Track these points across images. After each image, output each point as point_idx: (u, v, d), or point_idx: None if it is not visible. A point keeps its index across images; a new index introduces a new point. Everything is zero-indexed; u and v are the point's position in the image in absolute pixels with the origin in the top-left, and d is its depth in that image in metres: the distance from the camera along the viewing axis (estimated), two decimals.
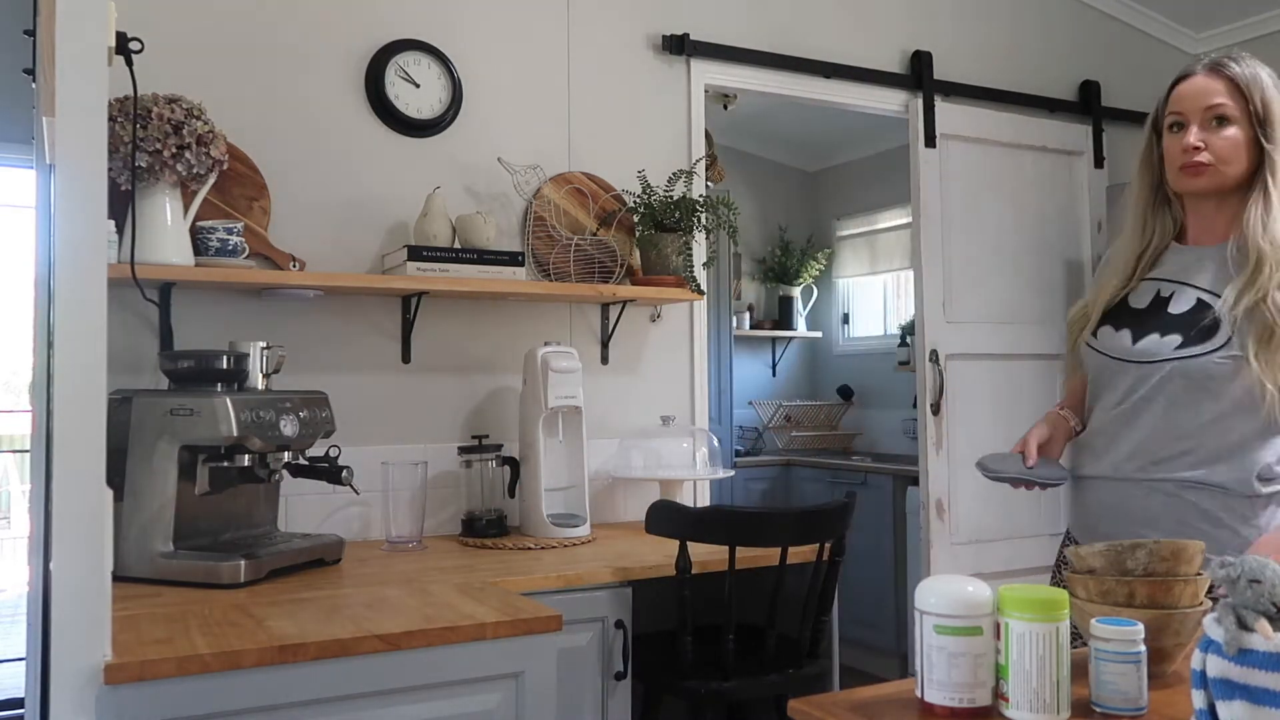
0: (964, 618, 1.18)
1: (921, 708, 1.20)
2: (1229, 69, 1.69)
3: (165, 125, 2.18)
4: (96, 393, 1.40)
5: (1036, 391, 3.63)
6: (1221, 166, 1.68)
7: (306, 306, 2.54)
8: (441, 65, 2.74)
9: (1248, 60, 1.70)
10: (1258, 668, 0.98)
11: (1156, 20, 3.99)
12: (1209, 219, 1.74)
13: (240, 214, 2.45)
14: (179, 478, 1.97)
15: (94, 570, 1.40)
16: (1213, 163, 1.68)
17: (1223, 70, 1.69)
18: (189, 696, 1.45)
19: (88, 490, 1.39)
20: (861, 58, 3.42)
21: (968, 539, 3.46)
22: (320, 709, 1.54)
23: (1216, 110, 1.68)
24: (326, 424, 2.20)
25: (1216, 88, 1.68)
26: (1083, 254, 3.77)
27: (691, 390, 3.08)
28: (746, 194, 5.56)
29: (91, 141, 1.41)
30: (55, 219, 1.42)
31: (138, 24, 2.10)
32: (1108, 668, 1.19)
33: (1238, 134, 1.67)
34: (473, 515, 2.59)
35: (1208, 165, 1.68)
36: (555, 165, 2.89)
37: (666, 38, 3.06)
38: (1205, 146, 1.68)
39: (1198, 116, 1.69)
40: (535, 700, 1.69)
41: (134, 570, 1.93)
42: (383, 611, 1.74)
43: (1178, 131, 1.72)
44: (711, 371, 4.25)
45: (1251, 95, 1.66)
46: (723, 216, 2.88)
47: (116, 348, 1.61)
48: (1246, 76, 1.67)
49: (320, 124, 2.62)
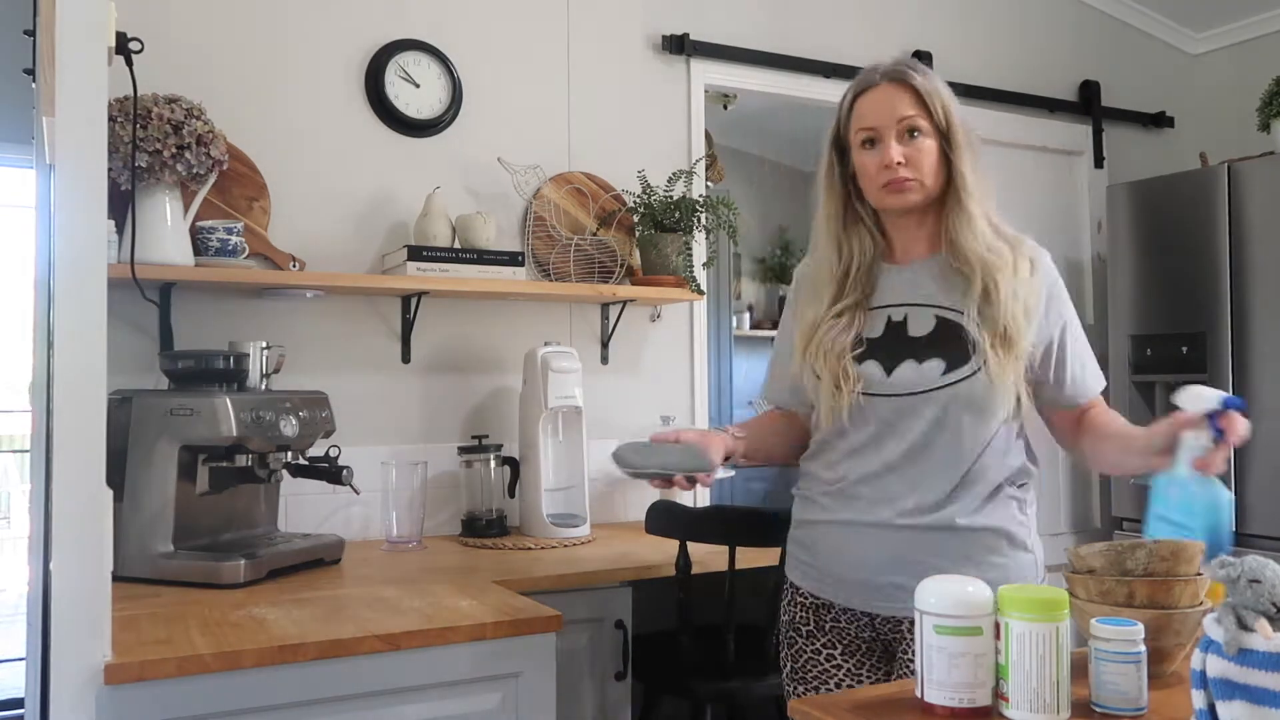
0: (964, 618, 1.18)
1: (921, 708, 1.20)
2: (911, 79, 1.60)
3: (165, 125, 2.18)
4: (96, 393, 1.40)
5: None
6: (925, 180, 1.60)
7: (306, 306, 2.54)
8: (441, 65, 2.74)
9: (924, 69, 1.64)
10: (1258, 668, 0.98)
11: (1156, 20, 3.99)
12: (913, 235, 1.66)
13: (240, 214, 2.45)
14: (179, 478, 1.97)
15: (94, 570, 1.40)
16: (916, 177, 1.59)
17: (906, 80, 1.61)
18: (189, 696, 1.45)
19: (88, 490, 1.39)
20: (862, 58, 3.40)
21: None
22: (320, 709, 1.54)
23: (909, 122, 1.59)
24: (326, 424, 2.20)
25: (904, 98, 1.60)
26: (1083, 254, 3.77)
27: (691, 390, 3.08)
28: (746, 194, 5.55)
29: (91, 141, 1.41)
30: (55, 219, 1.42)
31: (138, 24, 2.09)
32: (1108, 668, 1.19)
33: (932, 145, 1.60)
34: (473, 515, 2.59)
35: (911, 180, 1.59)
36: (555, 165, 2.89)
37: (666, 38, 3.06)
38: (906, 161, 1.59)
39: (892, 130, 1.59)
40: (535, 700, 1.69)
41: (134, 570, 1.93)
42: (383, 611, 1.74)
43: (871, 148, 1.62)
44: (711, 371, 4.25)
45: (934, 105, 1.59)
46: (723, 216, 2.88)
47: (116, 348, 1.61)
48: (929, 87, 1.60)
49: (320, 124, 2.62)
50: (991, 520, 1.60)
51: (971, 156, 1.62)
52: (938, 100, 1.60)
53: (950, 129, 1.60)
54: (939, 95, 1.61)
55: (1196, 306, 3.21)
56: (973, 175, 1.61)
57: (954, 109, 1.61)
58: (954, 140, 1.60)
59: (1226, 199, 3.13)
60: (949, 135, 1.60)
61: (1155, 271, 3.34)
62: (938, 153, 1.60)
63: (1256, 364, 3.07)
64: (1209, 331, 3.16)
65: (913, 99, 1.59)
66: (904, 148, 1.59)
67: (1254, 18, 3.85)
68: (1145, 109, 3.96)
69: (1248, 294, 3.09)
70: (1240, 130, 3.62)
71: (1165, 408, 3.47)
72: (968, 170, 1.61)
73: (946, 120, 1.60)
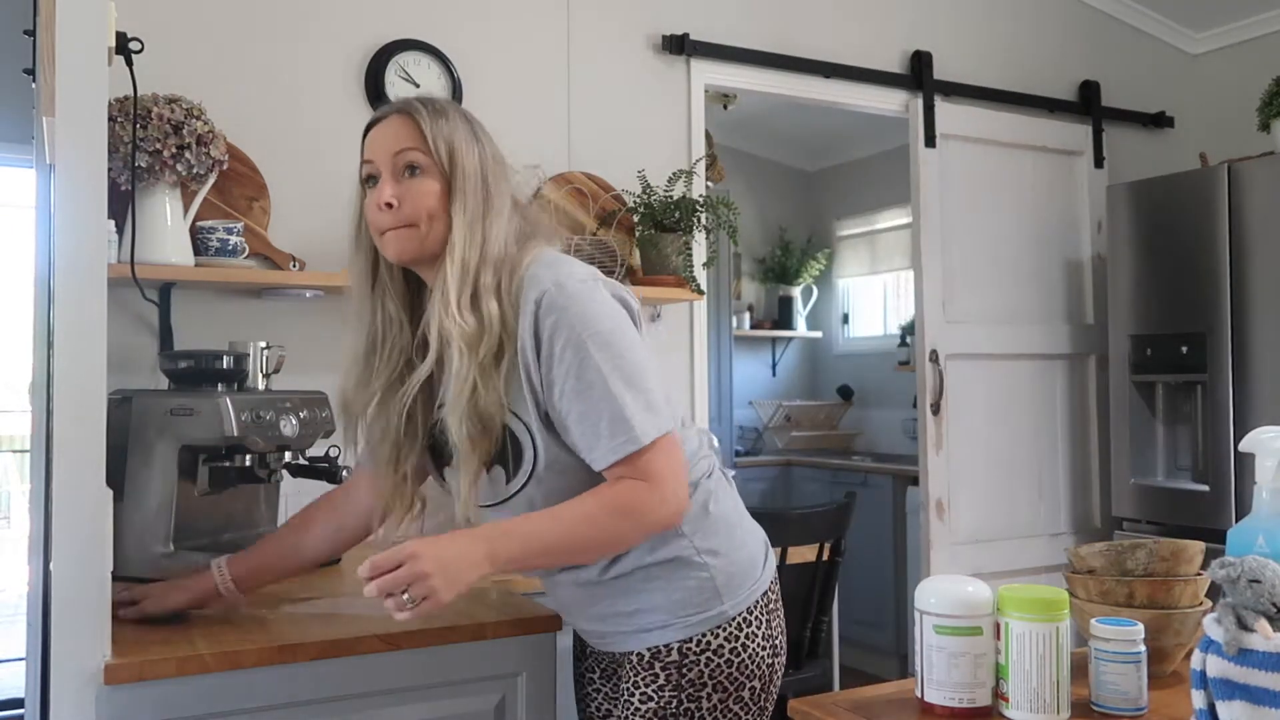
0: (964, 618, 1.19)
1: (921, 708, 1.20)
2: (418, 112, 1.41)
3: (165, 125, 2.18)
4: (96, 393, 1.40)
5: (1036, 391, 3.64)
6: (422, 226, 1.39)
7: (306, 306, 2.54)
8: (441, 65, 2.74)
9: (451, 109, 1.45)
10: (1258, 668, 0.98)
11: (1156, 20, 3.99)
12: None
13: (240, 214, 2.45)
14: (179, 478, 1.97)
15: (94, 570, 1.40)
16: (410, 222, 1.39)
17: (412, 113, 1.42)
18: (189, 696, 1.45)
19: (88, 490, 1.39)
20: (861, 58, 3.41)
21: (968, 539, 3.46)
22: (320, 709, 1.54)
23: (405, 157, 1.40)
24: (326, 424, 2.20)
25: (407, 131, 1.40)
26: (1083, 254, 3.78)
27: (691, 390, 3.08)
28: (746, 194, 5.55)
29: (91, 141, 1.41)
30: (55, 219, 1.42)
31: (138, 24, 2.10)
32: (1108, 668, 1.19)
33: (434, 187, 1.40)
34: None
35: (404, 225, 1.39)
36: (555, 165, 2.89)
37: (666, 38, 3.06)
38: (398, 202, 1.39)
39: (388, 166, 1.41)
40: (535, 700, 1.69)
41: (134, 570, 1.93)
42: (383, 611, 1.74)
43: (373, 186, 1.42)
44: (711, 371, 4.25)
45: (436, 143, 1.39)
46: (723, 216, 2.88)
47: (116, 348, 1.61)
48: (434, 123, 1.40)
49: (321, 124, 2.62)
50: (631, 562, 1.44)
51: (476, 205, 1.40)
52: (441, 138, 1.40)
53: (453, 170, 1.40)
54: (444, 132, 1.41)
55: (1196, 306, 3.21)
56: (465, 228, 1.38)
57: (462, 150, 1.41)
58: (454, 184, 1.40)
59: (1226, 199, 3.13)
60: (453, 179, 1.40)
61: (1155, 271, 3.34)
62: (441, 196, 1.40)
63: (1256, 364, 3.07)
64: (1209, 331, 3.16)
65: (415, 133, 1.40)
66: (398, 186, 1.40)
67: (1254, 18, 3.85)
68: (1145, 109, 3.96)
69: (1248, 294, 3.09)
70: (1240, 130, 3.62)
71: (1166, 407, 3.49)
72: (460, 220, 1.39)
73: (449, 160, 1.40)
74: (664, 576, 1.43)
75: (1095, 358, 3.74)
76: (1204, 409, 3.25)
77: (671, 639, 1.43)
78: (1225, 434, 3.11)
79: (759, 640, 1.45)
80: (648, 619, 1.44)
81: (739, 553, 1.48)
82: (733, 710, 1.43)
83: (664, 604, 1.43)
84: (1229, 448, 3.11)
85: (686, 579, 1.43)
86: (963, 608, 1.19)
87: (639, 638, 1.45)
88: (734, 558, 1.47)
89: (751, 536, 1.53)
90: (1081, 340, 3.74)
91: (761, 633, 1.46)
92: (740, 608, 1.45)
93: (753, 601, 1.46)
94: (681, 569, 1.43)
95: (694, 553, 1.44)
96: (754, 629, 1.45)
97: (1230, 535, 1.27)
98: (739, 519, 1.53)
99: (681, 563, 1.43)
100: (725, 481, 1.56)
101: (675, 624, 1.43)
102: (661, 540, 1.43)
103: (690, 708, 1.42)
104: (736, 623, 1.44)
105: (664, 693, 1.42)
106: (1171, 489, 3.32)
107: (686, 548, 1.44)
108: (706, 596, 1.43)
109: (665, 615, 1.43)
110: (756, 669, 1.44)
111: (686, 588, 1.43)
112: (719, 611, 1.43)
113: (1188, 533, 3.02)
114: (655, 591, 1.44)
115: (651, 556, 1.43)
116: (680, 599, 1.43)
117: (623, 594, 1.45)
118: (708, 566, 1.44)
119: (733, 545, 1.48)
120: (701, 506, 1.46)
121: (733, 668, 1.43)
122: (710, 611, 1.43)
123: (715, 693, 1.42)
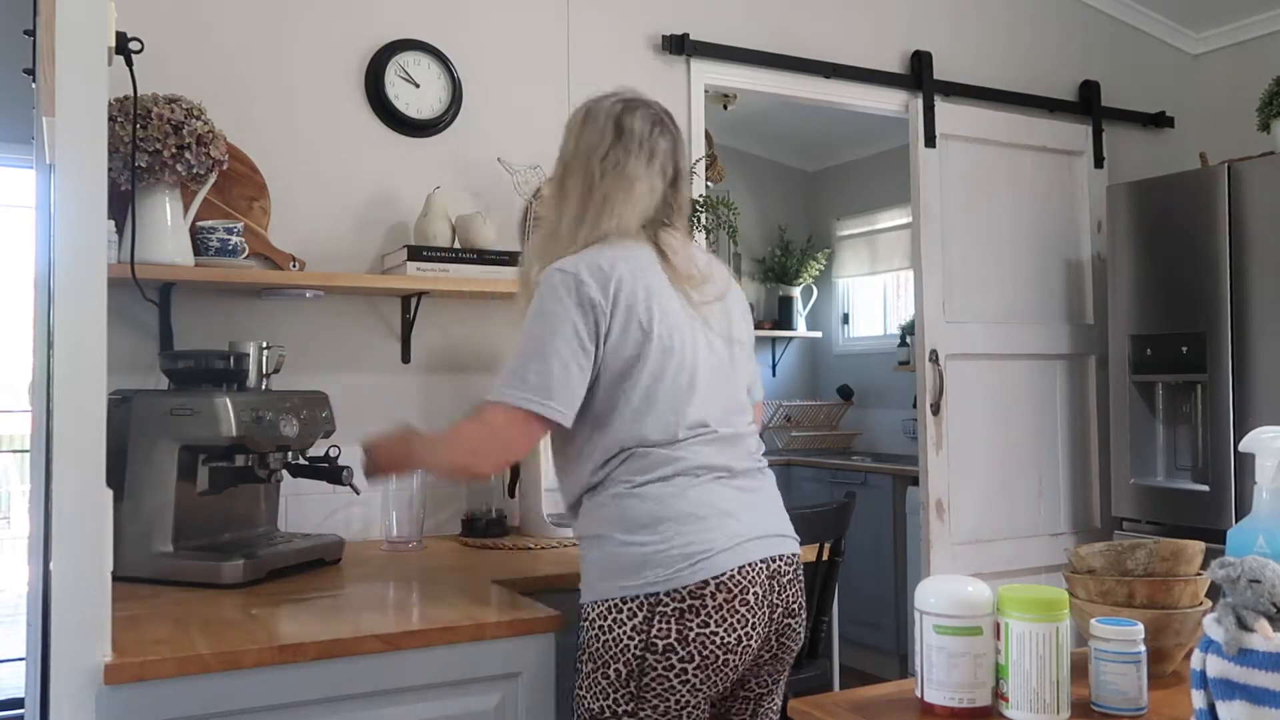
0: (964, 618, 1.18)
1: (921, 708, 1.20)
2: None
3: (165, 125, 2.18)
4: (96, 393, 1.40)
5: (1036, 392, 3.64)
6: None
7: (306, 306, 2.54)
8: (441, 65, 2.74)
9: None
10: (1258, 668, 0.98)
11: (1156, 20, 3.99)
12: None
13: (240, 214, 2.45)
14: (179, 478, 1.97)
15: (94, 570, 1.40)
16: None
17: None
18: (189, 696, 1.45)
19: (88, 490, 1.39)
20: (861, 58, 3.41)
21: (968, 539, 3.46)
22: (320, 709, 1.54)
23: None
24: (326, 424, 2.20)
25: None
26: (1082, 254, 3.78)
27: None
28: (746, 194, 5.56)
29: (91, 141, 1.41)
30: (55, 219, 1.42)
31: (138, 24, 2.09)
32: (1108, 668, 1.19)
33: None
34: (473, 515, 2.59)
35: None
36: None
37: (666, 38, 3.06)
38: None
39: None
40: (535, 700, 1.69)
41: (134, 570, 1.93)
42: (383, 611, 1.74)
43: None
44: None
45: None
46: (723, 216, 2.87)
47: (116, 348, 1.61)
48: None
49: (320, 124, 2.62)
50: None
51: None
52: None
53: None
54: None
55: (1196, 306, 3.21)
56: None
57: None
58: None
59: (1226, 199, 3.13)
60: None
61: (1155, 271, 3.34)
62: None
63: (1256, 364, 3.07)
64: (1209, 331, 3.16)
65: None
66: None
67: (1254, 18, 3.85)
68: (1145, 109, 3.96)
69: (1248, 294, 3.09)
70: (1240, 130, 3.63)
71: (1166, 407, 3.49)
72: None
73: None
74: (586, 546, 1.65)
75: (1095, 358, 3.74)
76: (1204, 409, 3.25)
77: (582, 599, 1.64)
78: (1225, 434, 3.11)
79: (629, 630, 1.55)
80: (584, 577, 1.65)
81: (648, 548, 1.56)
82: (600, 684, 1.58)
83: (586, 568, 1.64)
84: (1229, 448, 3.11)
85: (597, 551, 1.62)
86: (963, 608, 1.19)
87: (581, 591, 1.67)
88: (642, 550, 1.56)
89: (691, 539, 1.56)
90: (1081, 340, 3.74)
91: (638, 625, 1.54)
92: (619, 594, 1.56)
93: (645, 594, 1.54)
94: (599, 544, 1.62)
95: (614, 533, 1.60)
96: (626, 618, 1.55)
97: (1230, 535, 1.28)
98: (682, 521, 1.57)
99: (601, 539, 1.62)
100: (702, 483, 1.61)
101: (585, 588, 1.63)
102: (594, 514, 1.63)
103: (580, 660, 1.62)
104: (611, 604, 1.56)
105: (579, 642, 1.64)
106: (1171, 489, 3.32)
107: (610, 527, 1.60)
108: (603, 572, 1.60)
109: (585, 578, 1.64)
110: (622, 654, 1.55)
111: (593, 559, 1.63)
112: (603, 588, 1.59)
113: (1188, 533, 3.02)
114: (583, 557, 1.66)
115: (586, 529, 1.66)
116: (591, 569, 1.63)
117: (581, 553, 1.68)
118: (613, 547, 1.59)
119: (649, 539, 1.57)
120: (640, 496, 1.59)
121: (600, 644, 1.57)
122: (600, 585, 1.60)
123: (589, 661, 1.59)
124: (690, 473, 1.60)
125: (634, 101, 1.73)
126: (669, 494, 1.59)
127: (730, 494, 1.62)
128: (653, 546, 1.56)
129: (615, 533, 1.59)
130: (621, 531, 1.58)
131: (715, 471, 1.62)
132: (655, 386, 1.59)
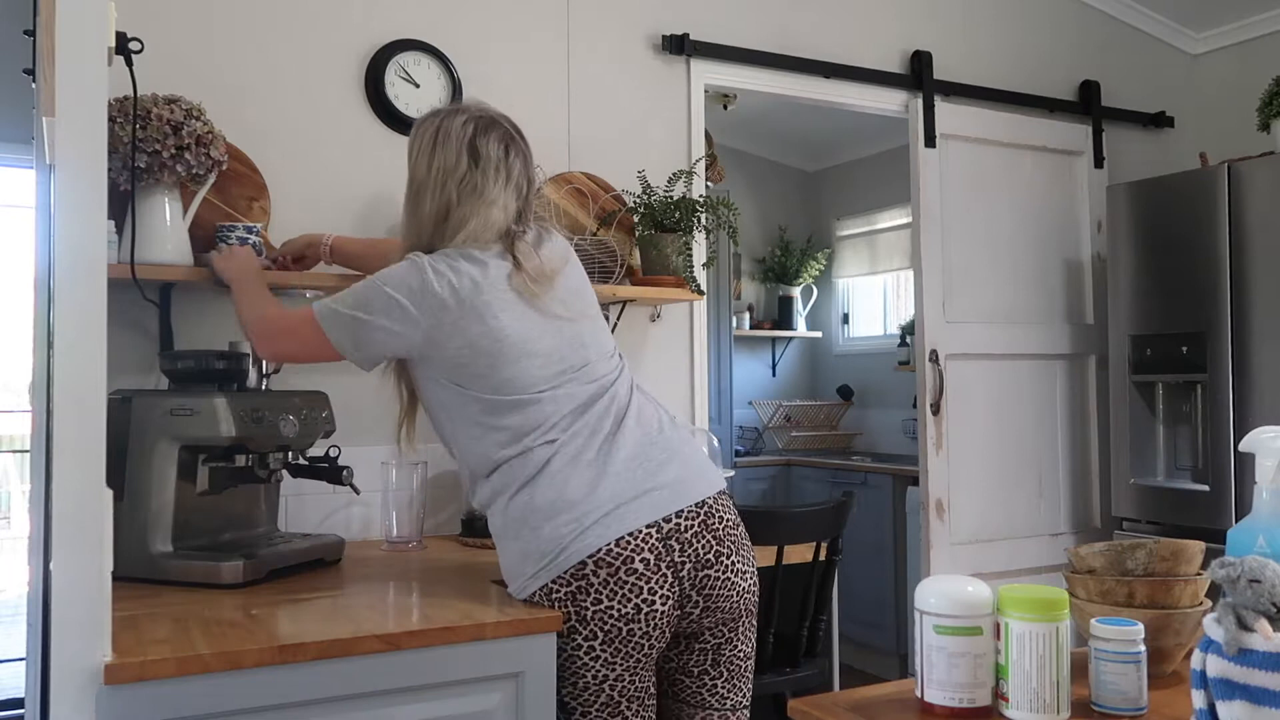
0: (964, 618, 1.18)
1: (921, 708, 1.20)
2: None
3: (165, 125, 2.18)
4: (96, 393, 1.40)
5: (1036, 391, 3.64)
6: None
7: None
8: (441, 65, 2.74)
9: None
10: (1258, 668, 0.98)
11: (1156, 20, 3.99)
12: None
13: (240, 214, 2.45)
14: (179, 478, 1.97)
15: (94, 570, 1.40)
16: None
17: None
18: (189, 696, 1.45)
19: (88, 490, 1.39)
20: (861, 58, 3.42)
21: (968, 539, 3.46)
22: (320, 709, 1.54)
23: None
24: (326, 424, 2.20)
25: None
26: (1082, 254, 3.78)
27: (691, 390, 3.08)
28: (746, 194, 5.56)
29: (91, 141, 1.41)
30: (55, 219, 1.42)
31: (138, 24, 2.10)
32: (1108, 668, 1.19)
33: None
34: (473, 515, 2.58)
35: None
36: (555, 165, 2.89)
37: (666, 38, 3.06)
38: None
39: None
40: (535, 700, 1.69)
41: (134, 570, 1.93)
42: (383, 611, 1.74)
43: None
44: (711, 371, 4.25)
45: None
46: (723, 216, 2.87)
47: (116, 348, 1.61)
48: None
49: (320, 124, 2.62)
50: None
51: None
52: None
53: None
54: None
55: (1196, 306, 3.21)
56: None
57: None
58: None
59: (1226, 199, 3.13)
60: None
61: (1155, 271, 3.35)
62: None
63: (1256, 364, 3.07)
64: (1209, 331, 3.16)
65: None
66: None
67: (1254, 18, 3.85)
68: (1145, 109, 3.96)
69: (1248, 294, 3.09)
70: (1240, 130, 3.63)
71: (1166, 407, 3.49)
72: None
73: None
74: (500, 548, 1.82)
75: (1095, 358, 3.74)
76: (1204, 409, 3.25)
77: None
78: (1225, 434, 3.12)
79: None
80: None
81: (530, 544, 1.70)
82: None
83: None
84: (1229, 448, 3.11)
85: (506, 553, 1.80)
86: (963, 608, 1.19)
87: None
88: (525, 548, 1.71)
89: (558, 525, 1.67)
90: (1081, 340, 3.74)
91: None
92: (527, 591, 1.72)
93: (539, 587, 1.69)
94: (504, 545, 1.80)
95: (509, 536, 1.76)
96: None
97: (1230, 535, 1.28)
98: (548, 510, 1.69)
99: (502, 541, 1.80)
100: (562, 459, 1.71)
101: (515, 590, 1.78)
102: (500, 517, 1.78)
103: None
104: (531, 597, 1.73)
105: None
106: (1171, 489, 3.32)
107: (510, 528, 1.76)
108: (510, 573, 1.78)
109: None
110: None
111: (504, 563, 1.80)
112: (520, 586, 1.74)
113: (1188, 533, 3.02)
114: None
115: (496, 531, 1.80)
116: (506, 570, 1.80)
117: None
118: (515, 544, 1.76)
119: (529, 535, 1.70)
120: (515, 496, 1.75)
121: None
122: (516, 584, 1.76)
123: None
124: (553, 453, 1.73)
125: (484, 120, 1.81)
126: (536, 485, 1.72)
127: (599, 461, 1.70)
128: (533, 543, 1.69)
129: (509, 537, 1.74)
130: (512, 537, 1.73)
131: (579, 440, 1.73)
132: (502, 382, 1.73)
